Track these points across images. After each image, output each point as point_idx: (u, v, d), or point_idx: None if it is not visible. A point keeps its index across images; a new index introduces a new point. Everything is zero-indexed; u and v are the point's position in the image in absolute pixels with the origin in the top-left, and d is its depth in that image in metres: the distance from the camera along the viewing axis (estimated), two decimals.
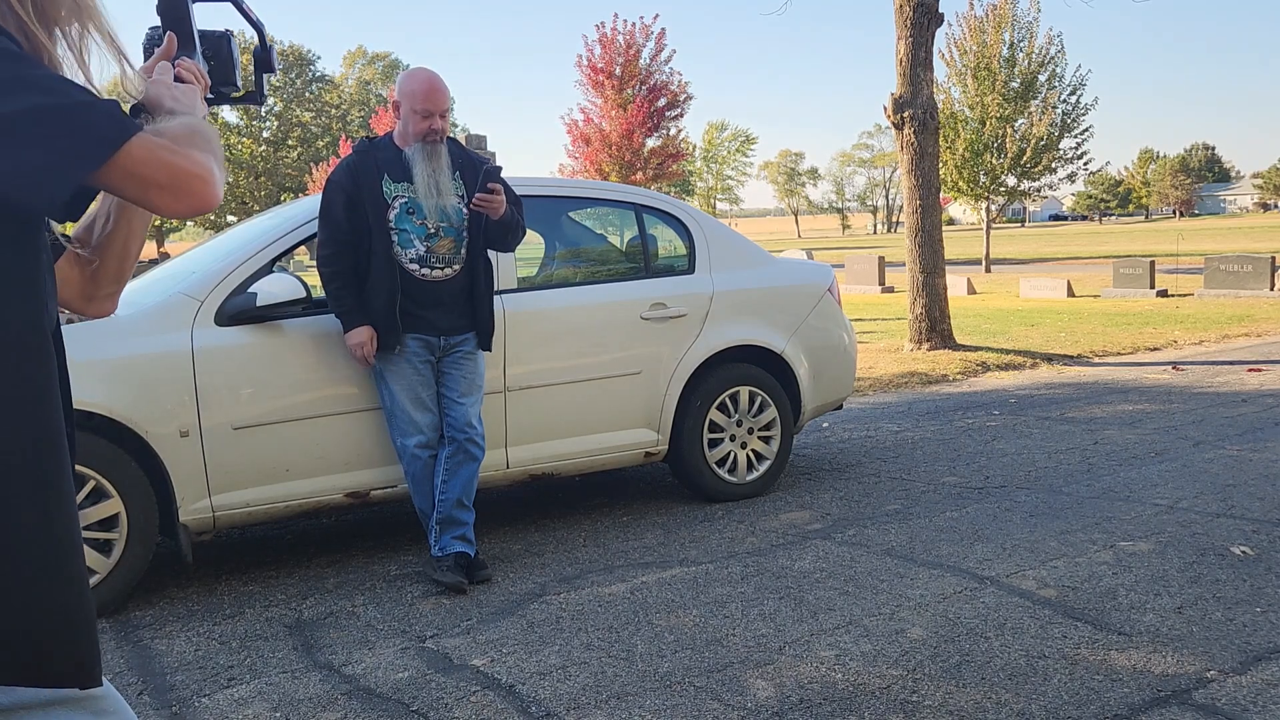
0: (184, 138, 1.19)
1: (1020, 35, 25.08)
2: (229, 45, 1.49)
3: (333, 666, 3.18)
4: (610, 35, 30.88)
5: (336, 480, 4.04)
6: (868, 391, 8.15)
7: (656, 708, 2.79)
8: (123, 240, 1.39)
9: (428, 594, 3.80)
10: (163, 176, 1.15)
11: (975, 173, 25.88)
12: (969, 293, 19.13)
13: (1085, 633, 3.16)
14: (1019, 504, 4.68)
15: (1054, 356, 9.72)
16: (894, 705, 2.74)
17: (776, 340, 5.00)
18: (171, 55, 1.41)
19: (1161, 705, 2.67)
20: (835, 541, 4.23)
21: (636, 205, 4.96)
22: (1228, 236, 45.90)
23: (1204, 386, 7.75)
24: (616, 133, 30.80)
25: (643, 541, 4.35)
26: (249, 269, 3.99)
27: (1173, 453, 5.56)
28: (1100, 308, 15.05)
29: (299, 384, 3.97)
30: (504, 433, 4.35)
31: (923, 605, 3.46)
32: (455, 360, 3.96)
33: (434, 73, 3.89)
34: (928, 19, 9.82)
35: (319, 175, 45.38)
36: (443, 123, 3.84)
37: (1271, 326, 11.72)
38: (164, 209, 1.18)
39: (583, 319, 4.60)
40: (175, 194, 1.16)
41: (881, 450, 5.97)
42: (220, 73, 1.49)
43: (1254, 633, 3.11)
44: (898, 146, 10.22)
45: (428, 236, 3.84)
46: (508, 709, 2.83)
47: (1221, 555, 3.83)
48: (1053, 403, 7.34)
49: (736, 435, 4.92)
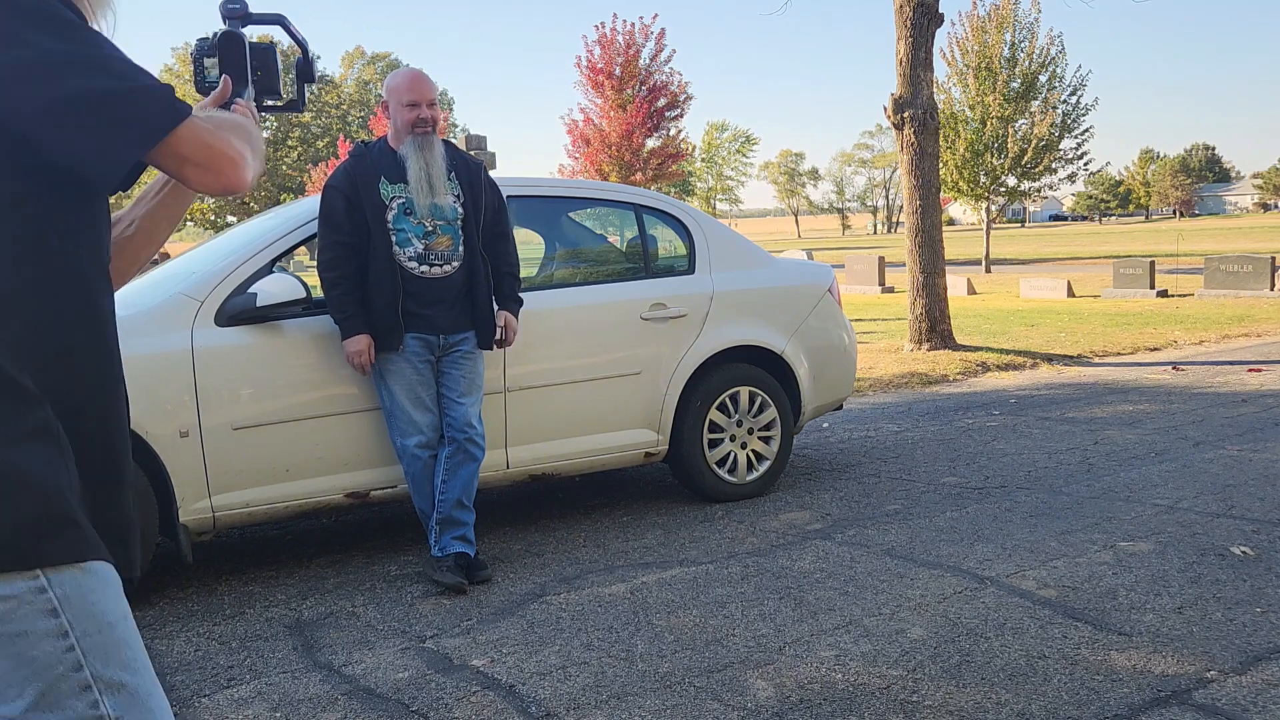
0: (227, 125, 1.32)
1: (1021, 35, 25.09)
2: (273, 57, 1.62)
3: (333, 666, 3.18)
4: (610, 36, 30.87)
5: (336, 480, 4.04)
6: (868, 392, 8.15)
7: (656, 708, 2.79)
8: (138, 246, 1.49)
9: (428, 594, 3.80)
10: (200, 155, 1.26)
11: (975, 173, 25.89)
12: (969, 293, 19.13)
13: (1085, 633, 3.16)
14: (1019, 504, 4.68)
15: (1054, 357, 9.72)
16: (894, 705, 2.74)
17: (776, 340, 5.00)
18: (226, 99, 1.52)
19: (1161, 705, 2.67)
20: (835, 542, 4.23)
21: (636, 205, 4.96)
22: (1228, 236, 45.91)
23: (1204, 387, 7.75)
24: (616, 133, 30.80)
25: (643, 541, 4.35)
26: (249, 269, 3.99)
27: (1173, 453, 5.56)
28: (1100, 308, 15.05)
29: (299, 384, 3.97)
30: (504, 433, 4.35)
31: (923, 605, 3.46)
32: (455, 360, 3.96)
33: (417, 68, 3.97)
34: (928, 19, 9.82)
35: (318, 175, 45.39)
36: (431, 112, 3.85)
37: (1271, 326, 11.72)
38: (197, 184, 1.29)
39: (583, 319, 4.60)
40: (208, 172, 1.27)
41: (881, 450, 5.97)
42: (266, 82, 1.62)
43: (1254, 633, 3.11)
44: (898, 147, 10.22)
45: (425, 234, 3.85)
46: (508, 709, 2.83)
47: (1221, 555, 3.83)
48: (1053, 403, 7.34)
49: (736, 435, 4.92)
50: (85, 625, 1.23)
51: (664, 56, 31.40)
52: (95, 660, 1.23)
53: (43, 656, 1.20)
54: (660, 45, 31.20)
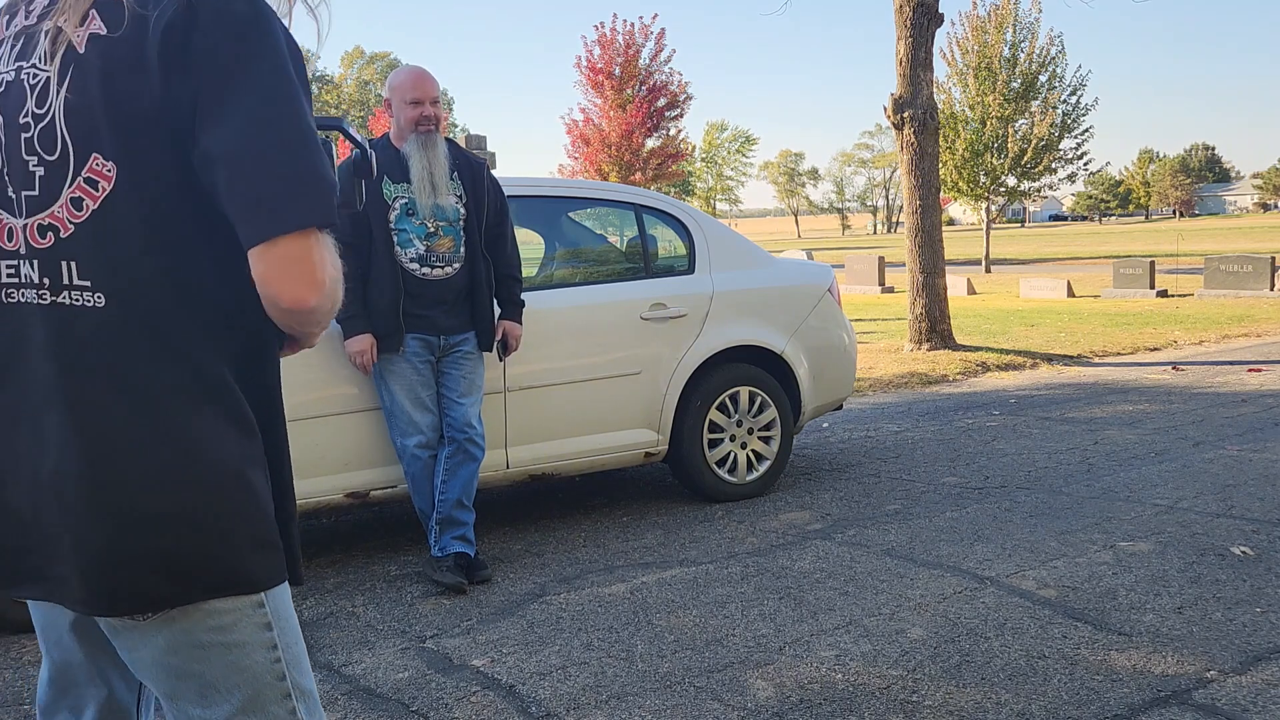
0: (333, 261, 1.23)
1: (1021, 35, 25.09)
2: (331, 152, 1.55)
3: (333, 666, 3.18)
4: (609, 36, 30.88)
5: (336, 480, 4.04)
6: (868, 392, 8.15)
7: (656, 708, 2.79)
8: None
9: (428, 594, 3.80)
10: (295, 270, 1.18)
11: (975, 173, 25.88)
12: (969, 293, 19.13)
13: (1085, 633, 3.16)
14: (1019, 504, 4.68)
15: (1054, 357, 9.72)
16: (894, 705, 2.74)
17: (776, 340, 5.00)
18: None
19: (1161, 705, 2.67)
20: (835, 541, 4.23)
21: (636, 205, 4.96)
22: (1228, 236, 45.91)
23: (1204, 386, 7.75)
24: (616, 133, 30.80)
25: (643, 541, 4.35)
26: None
27: (1173, 453, 5.56)
28: (1100, 308, 15.05)
29: (299, 384, 3.97)
30: (504, 433, 4.35)
31: (923, 605, 3.46)
32: (455, 360, 3.96)
33: (420, 66, 3.97)
34: (928, 19, 9.82)
35: None
36: (434, 109, 3.84)
37: (1271, 326, 11.72)
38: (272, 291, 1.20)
39: (583, 319, 4.60)
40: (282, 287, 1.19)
41: (881, 450, 5.97)
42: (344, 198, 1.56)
43: (1254, 633, 3.11)
44: (898, 147, 10.22)
45: (427, 235, 3.84)
46: (508, 709, 2.83)
47: (1221, 555, 3.83)
48: (1053, 403, 7.34)
49: (736, 435, 4.92)
50: (288, 638, 1.33)
51: (664, 56, 31.44)
52: (294, 670, 1.33)
53: (254, 666, 1.29)
54: (660, 45, 31.22)
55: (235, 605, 1.26)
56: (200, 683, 1.27)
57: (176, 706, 1.30)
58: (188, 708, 1.29)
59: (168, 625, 1.24)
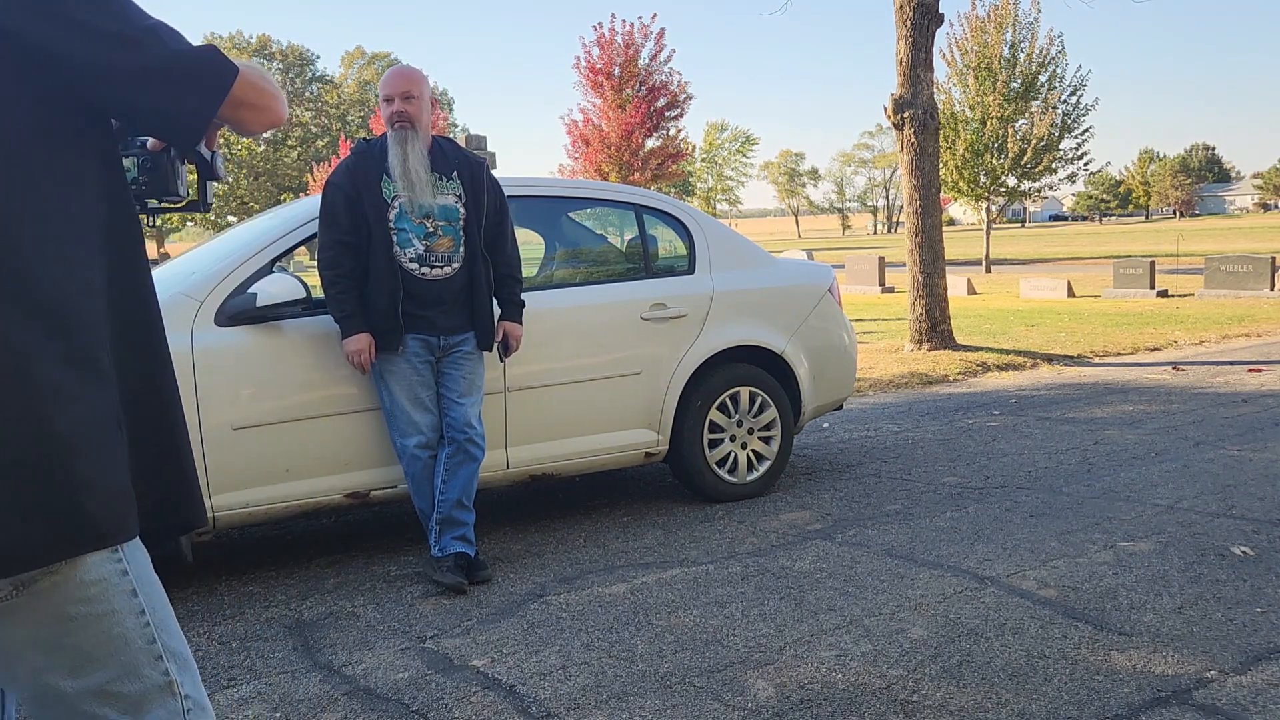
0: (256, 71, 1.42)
1: (1021, 35, 25.09)
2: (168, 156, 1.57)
3: (333, 667, 3.18)
4: (609, 36, 30.85)
5: (336, 480, 4.04)
6: (868, 392, 8.15)
7: (656, 708, 2.79)
8: None
9: (428, 594, 3.80)
10: (253, 98, 1.39)
11: (975, 173, 25.89)
12: (969, 293, 19.13)
13: (1085, 633, 3.16)
14: (1019, 504, 4.68)
15: (1054, 357, 9.71)
16: (894, 705, 2.74)
17: (777, 340, 5.00)
18: None
19: (1161, 705, 2.67)
20: (835, 541, 4.23)
21: (636, 205, 4.96)
22: (1228, 237, 45.91)
23: (1204, 386, 7.75)
24: (616, 133, 30.76)
25: (643, 541, 4.35)
26: (249, 269, 3.99)
27: (1173, 453, 5.56)
28: (1100, 308, 15.05)
29: (299, 384, 3.97)
30: (504, 433, 4.35)
31: (923, 605, 3.46)
32: (454, 360, 3.95)
33: (405, 65, 4.02)
34: (928, 19, 9.82)
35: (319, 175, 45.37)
36: (405, 105, 3.80)
37: (1271, 327, 11.72)
38: (253, 125, 1.41)
39: (583, 319, 4.60)
40: (262, 111, 1.40)
41: (881, 450, 5.97)
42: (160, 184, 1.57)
43: (1254, 633, 3.11)
44: (898, 147, 10.22)
45: (426, 235, 3.84)
46: (508, 709, 2.83)
47: (1221, 555, 3.83)
48: (1053, 403, 7.34)
49: (737, 435, 4.92)
50: (154, 603, 1.35)
51: (664, 56, 31.36)
52: (163, 633, 1.36)
53: (126, 633, 1.32)
54: (660, 45, 31.16)
55: (101, 575, 1.29)
56: (74, 655, 1.29)
57: (46, 683, 1.29)
58: (58, 681, 1.29)
59: (36, 600, 1.26)
